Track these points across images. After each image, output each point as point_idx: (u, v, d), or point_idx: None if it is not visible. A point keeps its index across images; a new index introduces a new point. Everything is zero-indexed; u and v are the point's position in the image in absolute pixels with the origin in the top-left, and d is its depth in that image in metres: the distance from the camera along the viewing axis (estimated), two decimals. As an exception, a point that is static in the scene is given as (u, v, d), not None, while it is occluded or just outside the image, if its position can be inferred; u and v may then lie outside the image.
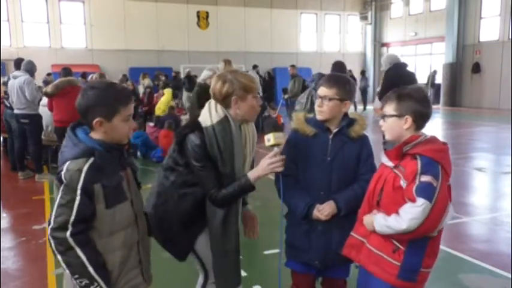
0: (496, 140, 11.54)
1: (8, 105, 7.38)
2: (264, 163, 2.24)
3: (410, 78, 6.87)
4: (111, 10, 20.08)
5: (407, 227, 1.96)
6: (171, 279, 3.57)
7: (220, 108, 2.30)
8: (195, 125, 2.31)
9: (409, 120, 2.06)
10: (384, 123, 2.14)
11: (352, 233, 2.27)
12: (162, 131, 9.04)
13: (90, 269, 1.79)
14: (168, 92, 11.43)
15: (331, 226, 2.36)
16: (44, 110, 7.32)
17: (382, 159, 2.17)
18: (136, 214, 1.98)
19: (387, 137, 2.16)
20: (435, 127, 13.49)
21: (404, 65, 7.02)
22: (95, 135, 1.87)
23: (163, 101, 11.17)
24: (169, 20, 20.90)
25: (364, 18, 25.05)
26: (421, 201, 1.93)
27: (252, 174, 2.27)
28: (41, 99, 7.57)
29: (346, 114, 2.41)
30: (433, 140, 2.10)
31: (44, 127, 7.44)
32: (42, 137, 7.46)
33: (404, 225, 1.96)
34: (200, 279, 2.58)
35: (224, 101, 2.31)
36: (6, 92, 7.45)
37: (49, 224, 1.79)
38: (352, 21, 25.37)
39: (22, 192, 6.77)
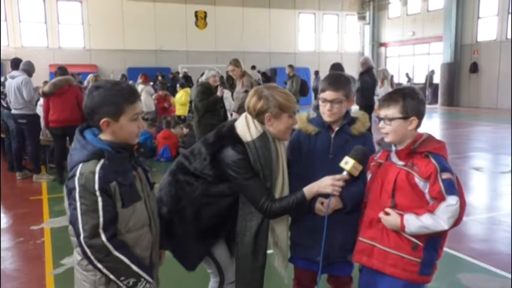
0: (493, 139, 11.56)
1: (5, 105, 7.37)
2: (327, 182, 2.19)
3: (376, 81, 8.26)
4: (109, 10, 20.06)
5: (448, 226, 1.95)
6: (173, 282, 3.55)
7: (258, 124, 2.26)
8: (234, 138, 2.25)
9: (414, 121, 2.05)
10: (386, 125, 2.08)
11: (360, 238, 2.23)
12: (162, 131, 8.83)
13: (134, 267, 1.79)
14: (185, 91, 11.01)
15: (335, 223, 2.35)
16: (41, 110, 7.30)
17: (393, 159, 2.13)
18: (149, 216, 1.93)
19: (389, 140, 2.11)
20: (433, 127, 13.51)
21: (372, 68, 8.09)
22: (104, 136, 1.84)
23: (184, 101, 10.87)
24: (167, 20, 20.89)
25: (362, 18, 25.09)
26: (454, 199, 1.94)
27: (309, 190, 2.23)
28: (38, 100, 7.55)
29: (347, 113, 2.43)
30: (432, 137, 2.11)
31: (42, 127, 7.42)
32: (40, 137, 7.45)
33: (446, 225, 1.94)
34: (213, 283, 2.53)
35: (258, 116, 2.27)
36: (3, 92, 7.41)
37: (77, 236, 1.74)
38: (350, 21, 25.41)
39: (20, 192, 6.75)
